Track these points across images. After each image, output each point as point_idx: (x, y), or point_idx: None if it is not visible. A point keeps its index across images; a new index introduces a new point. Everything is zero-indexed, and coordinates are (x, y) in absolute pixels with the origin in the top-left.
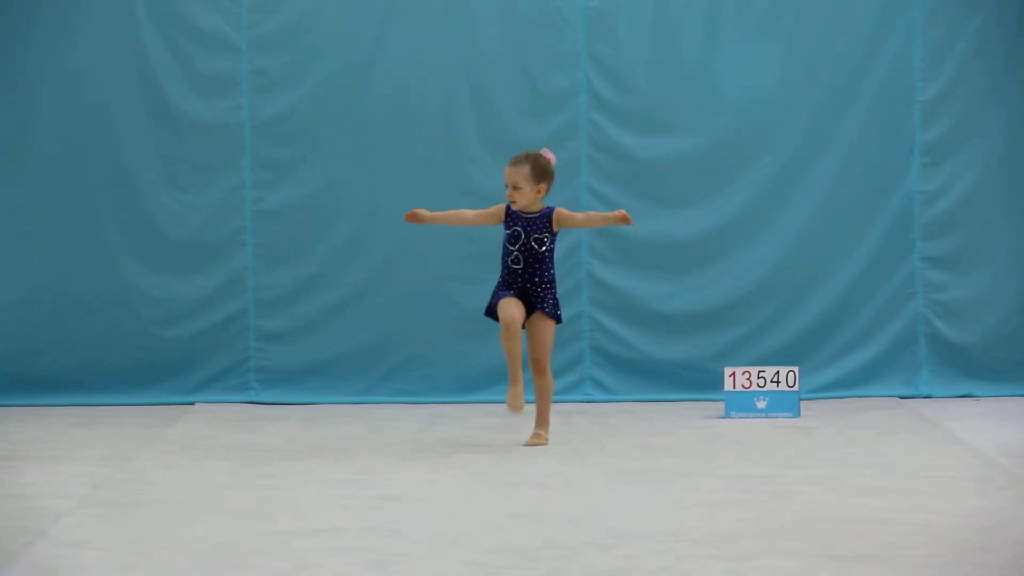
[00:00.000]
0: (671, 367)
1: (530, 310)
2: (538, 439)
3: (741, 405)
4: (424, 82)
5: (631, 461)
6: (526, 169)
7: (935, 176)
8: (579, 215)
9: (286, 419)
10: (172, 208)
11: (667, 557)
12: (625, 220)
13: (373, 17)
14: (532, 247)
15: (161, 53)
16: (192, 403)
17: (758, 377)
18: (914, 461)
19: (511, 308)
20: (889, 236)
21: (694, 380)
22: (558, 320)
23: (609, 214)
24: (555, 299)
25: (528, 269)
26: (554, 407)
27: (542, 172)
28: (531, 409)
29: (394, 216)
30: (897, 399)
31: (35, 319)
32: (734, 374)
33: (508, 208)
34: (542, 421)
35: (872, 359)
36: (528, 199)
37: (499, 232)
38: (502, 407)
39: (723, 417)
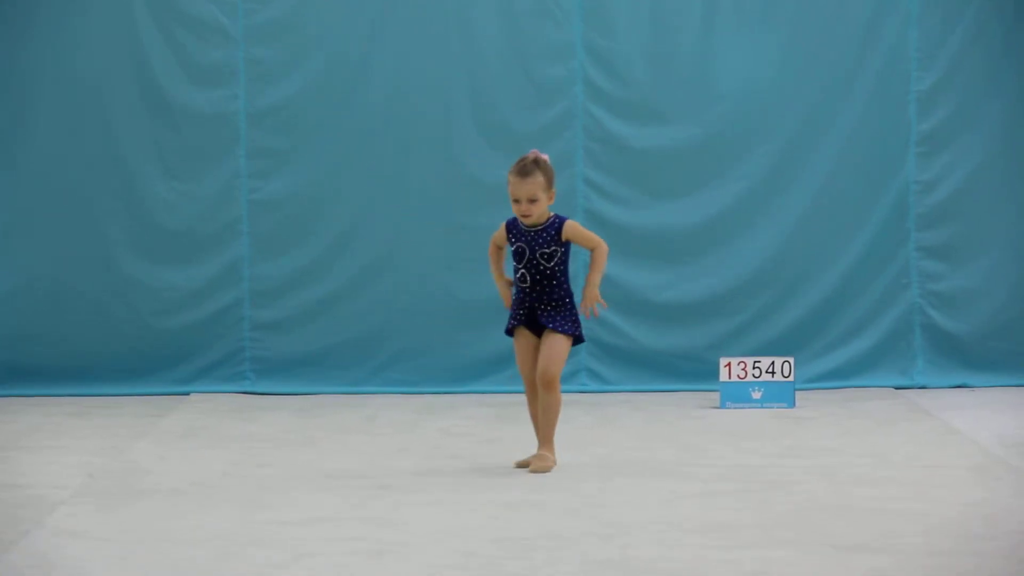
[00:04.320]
0: (667, 357)
1: (542, 327)
2: (543, 462)
3: (737, 395)
4: (421, 72)
5: (627, 451)
6: (540, 179)
7: (931, 166)
8: (590, 240)
9: (282, 409)
10: (167, 198)
11: (664, 547)
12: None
13: (370, 6)
14: (539, 263)
15: (157, 42)
16: (188, 393)
17: (754, 367)
18: (910, 451)
19: (527, 365)
20: (885, 226)
21: (690, 370)
22: (574, 337)
23: (591, 277)
24: (570, 316)
25: (536, 287)
26: None
27: (552, 176)
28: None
29: (390, 206)
30: (892, 389)
31: (31, 309)
32: (730, 364)
33: (508, 224)
34: (544, 440)
35: (867, 349)
36: (543, 210)
37: (493, 223)
38: (497, 397)
39: (719, 407)
